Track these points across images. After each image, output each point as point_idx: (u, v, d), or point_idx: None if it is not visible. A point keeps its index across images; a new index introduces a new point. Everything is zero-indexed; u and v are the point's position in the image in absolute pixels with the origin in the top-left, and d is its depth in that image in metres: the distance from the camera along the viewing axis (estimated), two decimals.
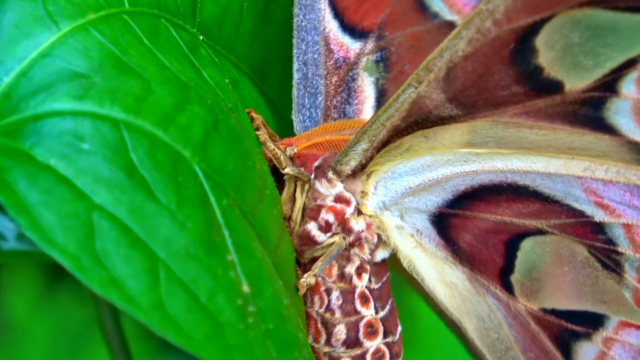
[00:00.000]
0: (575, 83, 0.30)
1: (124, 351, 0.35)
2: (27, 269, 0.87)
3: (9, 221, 0.35)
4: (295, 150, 0.32)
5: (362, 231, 0.31)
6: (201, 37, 0.31)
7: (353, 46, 0.33)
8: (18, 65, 0.27)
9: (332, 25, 0.33)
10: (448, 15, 0.35)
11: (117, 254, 0.26)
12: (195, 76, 0.29)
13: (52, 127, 0.27)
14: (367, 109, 0.34)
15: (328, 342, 0.32)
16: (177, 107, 0.28)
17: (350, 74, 0.33)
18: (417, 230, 0.32)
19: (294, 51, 0.33)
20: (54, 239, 0.25)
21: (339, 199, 0.31)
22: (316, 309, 0.32)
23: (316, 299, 0.32)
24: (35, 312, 0.89)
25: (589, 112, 0.30)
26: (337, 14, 0.33)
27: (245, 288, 0.27)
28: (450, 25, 0.35)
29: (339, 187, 0.31)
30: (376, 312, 0.32)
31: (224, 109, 0.29)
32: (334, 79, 0.33)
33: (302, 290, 0.31)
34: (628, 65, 0.29)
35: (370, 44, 0.34)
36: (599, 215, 0.31)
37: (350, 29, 0.33)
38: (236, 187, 0.28)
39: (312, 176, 0.31)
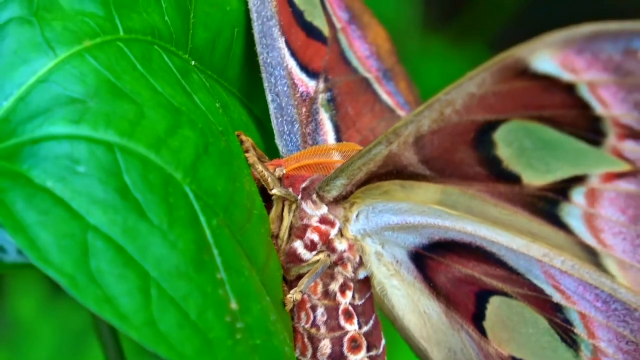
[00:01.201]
0: (531, 180, 0.31)
1: (117, 351, 0.36)
2: (33, 274, 0.87)
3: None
4: (284, 171, 0.32)
5: (345, 251, 0.32)
6: (193, 63, 0.32)
7: (310, 83, 0.35)
8: (16, 90, 0.28)
9: (292, 63, 0.34)
10: (363, 72, 0.37)
11: (111, 273, 0.26)
12: (187, 101, 0.30)
13: (48, 151, 0.27)
14: (330, 140, 0.35)
15: (314, 356, 0.32)
16: (169, 131, 0.28)
17: (314, 107, 0.35)
18: (397, 260, 0.33)
19: (265, 84, 0.34)
20: (50, 258, 0.26)
21: (324, 220, 0.32)
22: (302, 324, 0.32)
23: (302, 315, 0.32)
24: (41, 314, 0.89)
25: (546, 207, 0.31)
26: (293, 54, 0.34)
27: (234, 305, 0.28)
28: (368, 82, 0.37)
29: (324, 209, 0.32)
30: (360, 327, 0.32)
31: (215, 133, 0.30)
32: (304, 109, 0.34)
33: (289, 306, 0.31)
34: (577, 180, 0.30)
35: (321, 84, 0.35)
36: (557, 297, 0.31)
37: (305, 68, 0.35)
38: (225, 207, 0.29)
39: (299, 197, 0.32)
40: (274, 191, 0.32)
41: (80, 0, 0.29)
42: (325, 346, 0.32)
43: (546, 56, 0.28)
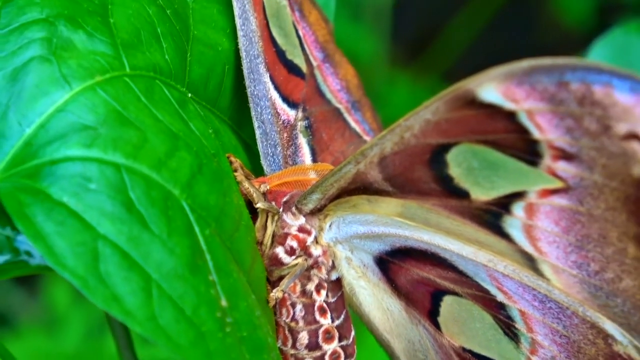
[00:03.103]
0: (478, 195, 0.30)
1: (127, 340, 0.35)
2: None
3: None
4: (268, 187, 0.32)
5: (320, 256, 0.32)
6: (189, 95, 0.31)
7: (291, 112, 0.34)
8: (38, 118, 0.27)
9: (275, 95, 0.34)
10: (335, 103, 0.37)
11: (118, 275, 0.26)
12: (184, 127, 0.29)
13: (65, 170, 0.27)
14: (307, 161, 0.34)
15: (294, 345, 0.32)
16: (169, 154, 0.28)
17: (294, 133, 0.34)
18: (364, 264, 0.32)
19: (252, 113, 0.33)
20: (65, 263, 0.26)
21: (301, 229, 0.32)
22: (284, 319, 0.32)
23: (284, 310, 0.32)
24: (72, 304, 0.90)
25: (491, 219, 0.31)
26: (276, 87, 0.34)
27: (224, 303, 0.27)
28: (339, 112, 0.37)
29: (302, 220, 0.32)
30: (332, 321, 0.32)
31: (208, 155, 0.29)
32: (285, 135, 0.34)
33: (272, 303, 0.31)
34: (518, 195, 0.30)
35: (300, 113, 0.35)
36: (500, 297, 0.31)
37: (286, 100, 0.34)
38: (217, 218, 0.28)
39: (281, 210, 0.32)
40: (258, 205, 0.31)
41: (93, 42, 0.29)
42: (303, 337, 0.32)
43: (491, 88, 0.28)
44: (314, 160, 0.34)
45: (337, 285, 0.32)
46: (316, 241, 0.32)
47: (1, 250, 0.34)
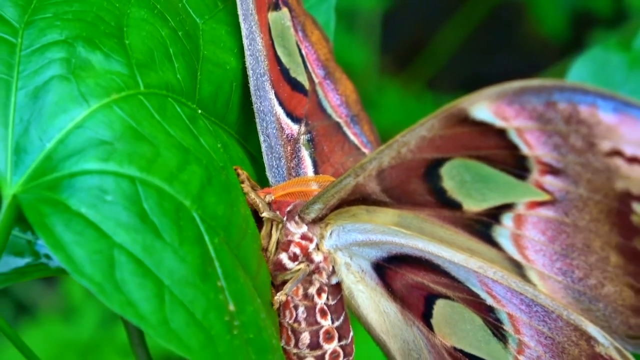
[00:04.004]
0: (470, 207, 0.30)
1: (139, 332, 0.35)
2: None
3: None
4: (273, 197, 0.32)
5: (321, 262, 0.31)
6: (199, 111, 0.31)
7: (294, 127, 0.34)
8: (57, 134, 0.27)
9: (279, 111, 0.33)
10: (336, 117, 0.36)
11: (133, 282, 0.25)
12: (195, 142, 0.29)
13: (83, 183, 0.26)
14: (310, 173, 0.34)
15: (296, 345, 0.32)
16: (180, 167, 0.28)
17: (297, 147, 0.34)
18: (362, 269, 0.32)
19: (258, 127, 0.33)
20: (83, 270, 0.25)
21: (304, 237, 0.31)
22: (287, 320, 0.31)
23: (287, 312, 0.31)
24: (88, 296, 0.90)
25: (481, 229, 0.30)
26: (281, 103, 0.34)
27: (232, 307, 0.27)
28: (339, 126, 0.36)
29: (304, 228, 0.31)
30: (332, 322, 0.32)
31: (217, 168, 0.29)
32: (289, 148, 0.33)
33: (276, 306, 0.31)
34: (507, 207, 0.30)
35: (303, 127, 0.34)
36: (489, 301, 0.31)
37: (290, 115, 0.34)
38: (225, 228, 0.28)
39: (285, 219, 0.31)
40: (264, 214, 0.31)
41: (109, 62, 0.28)
42: (305, 337, 0.31)
43: (483, 107, 0.28)
44: (316, 171, 0.34)
45: (336, 289, 0.32)
46: (317, 248, 0.31)
47: (22, 254, 0.34)
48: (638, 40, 0.45)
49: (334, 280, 0.32)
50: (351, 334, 0.32)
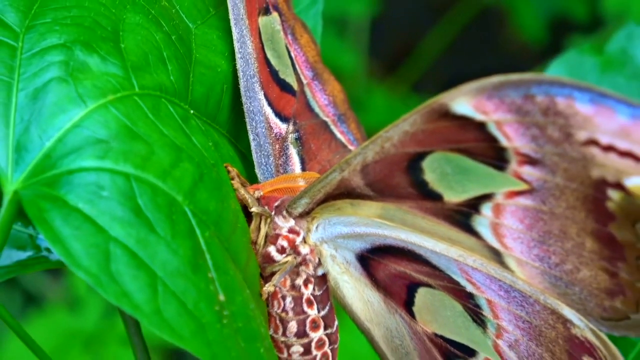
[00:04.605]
0: (451, 198, 0.30)
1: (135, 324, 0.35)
2: None
3: None
4: (261, 193, 0.31)
5: (308, 254, 0.31)
6: (192, 111, 0.31)
7: (282, 126, 0.34)
8: (56, 133, 0.27)
9: (268, 111, 0.33)
10: (323, 117, 0.36)
11: (127, 274, 0.25)
12: (187, 141, 0.29)
13: (80, 180, 0.26)
14: (297, 170, 0.34)
15: (284, 334, 0.31)
16: (173, 164, 0.27)
17: (285, 145, 0.34)
18: (347, 261, 0.32)
19: (248, 127, 0.33)
20: (80, 263, 0.25)
21: (291, 230, 0.31)
22: (275, 310, 0.31)
23: (275, 303, 0.31)
24: (92, 289, 0.89)
25: (461, 219, 0.30)
26: (270, 104, 0.33)
27: (221, 297, 0.27)
28: (326, 124, 0.36)
29: (291, 222, 0.31)
30: (318, 312, 0.32)
31: (208, 165, 0.29)
32: (277, 146, 0.33)
33: (265, 296, 0.31)
34: (486, 197, 0.30)
35: (291, 126, 0.34)
36: (469, 288, 0.31)
37: (279, 115, 0.34)
38: (216, 222, 0.28)
39: (273, 213, 0.31)
40: (253, 209, 0.31)
41: (106, 64, 0.28)
42: (293, 326, 0.31)
43: (463, 101, 0.27)
44: (303, 168, 0.34)
45: (322, 280, 0.32)
46: (304, 241, 0.31)
47: (25, 247, 0.34)
48: (610, 45, 0.45)
49: (320, 272, 0.32)
50: (336, 323, 0.32)
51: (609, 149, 0.27)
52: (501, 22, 1.22)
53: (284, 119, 0.34)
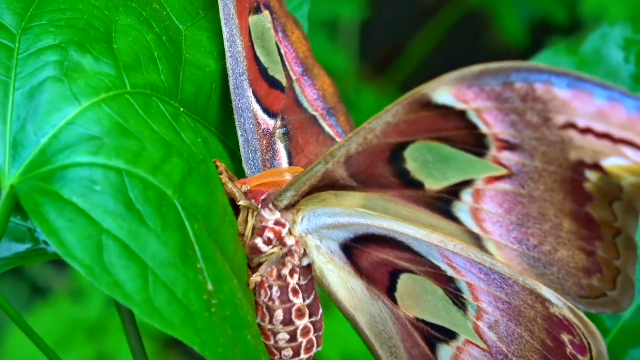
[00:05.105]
0: (432, 185, 0.30)
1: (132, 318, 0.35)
2: None
3: None
4: (248, 188, 0.31)
5: (293, 245, 0.31)
6: (182, 109, 0.31)
7: (270, 122, 0.33)
8: (51, 130, 0.27)
9: (257, 107, 0.33)
10: (312, 111, 0.35)
11: (119, 265, 0.25)
12: (177, 137, 0.29)
13: (74, 175, 0.26)
14: (284, 164, 0.33)
15: (271, 322, 0.31)
16: (163, 160, 0.27)
17: (272, 140, 0.33)
18: (331, 251, 0.31)
19: (237, 123, 0.32)
20: (74, 254, 0.25)
21: (277, 223, 0.31)
22: (262, 299, 0.31)
23: (262, 292, 0.31)
24: None
25: (442, 206, 0.30)
26: (258, 100, 0.33)
27: (210, 287, 0.27)
28: (315, 119, 0.36)
29: (277, 215, 0.31)
30: (304, 301, 0.32)
31: (197, 160, 0.29)
32: (265, 142, 0.33)
33: (252, 286, 0.30)
34: (467, 183, 0.29)
35: (279, 122, 0.34)
36: (450, 272, 0.30)
37: (267, 111, 0.33)
38: (204, 215, 0.28)
39: (260, 206, 0.31)
40: (240, 202, 0.31)
41: (99, 64, 0.28)
42: (279, 314, 0.31)
43: (444, 91, 0.27)
44: (290, 162, 0.34)
45: (308, 270, 0.32)
46: (290, 233, 0.31)
47: (24, 240, 0.34)
48: (585, 46, 0.45)
49: (305, 262, 0.31)
50: (321, 311, 0.32)
51: (586, 131, 0.27)
52: (485, 25, 1.22)
53: (272, 115, 0.34)
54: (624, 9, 0.91)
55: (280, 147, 0.34)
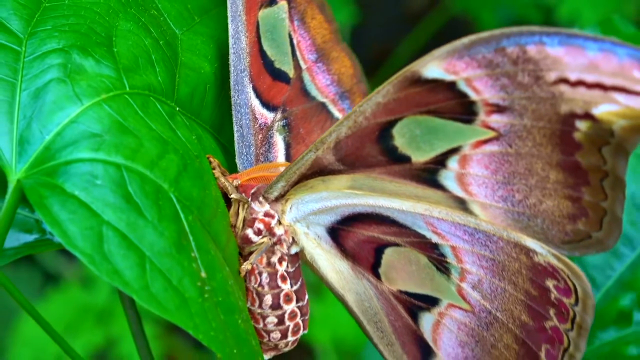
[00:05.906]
0: (418, 158, 0.29)
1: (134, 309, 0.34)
2: None
3: None
4: (239, 182, 0.31)
5: (282, 235, 0.31)
6: (177, 109, 0.31)
7: (269, 116, 0.33)
8: (55, 128, 0.27)
9: (255, 102, 0.33)
10: (321, 98, 0.35)
11: (118, 254, 0.25)
12: (172, 135, 0.29)
13: (76, 169, 0.26)
14: (280, 157, 0.33)
15: (260, 306, 0.31)
16: (160, 156, 0.27)
17: (269, 134, 0.33)
18: (318, 236, 0.31)
19: (233, 118, 0.32)
20: (76, 244, 0.25)
21: (267, 214, 0.31)
22: (252, 285, 0.31)
23: (252, 278, 0.31)
24: None
25: (428, 176, 0.30)
26: (258, 95, 0.33)
27: (203, 274, 0.27)
28: (324, 105, 0.35)
29: (267, 207, 0.31)
30: (291, 286, 0.31)
31: (191, 156, 0.29)
32: (260, 136, 0.33)
33: (243, 273, 0.30)
34: (453, 151, 0.29)
35: (279, 115, 0.33)
36: (435, 239, 0.30)
37: (267, 105, 0.33)
38: (198, 207, 0.28)
39: (250, 199, 0.31)
40: (232, 196, 0.31)
41: (100, 67, 0.28)
42: (268, 299, 0.31)
43: (434, 65, 0.27)
44: (288, 153, 0.33)
45: (295, 258, 0.32)
46: (279, 222, 0.31)
47: (31, 231, 0.34)
48: None
49: (293, 250, 0.31)
50: (307, 296, 0.32)
51: (577, 84, 0.26)
52: (467, 29, 1.22)
53: (272, 108, 0.33)
54: (596, 14, 0.91)
55: (278, 139, 0.33)
